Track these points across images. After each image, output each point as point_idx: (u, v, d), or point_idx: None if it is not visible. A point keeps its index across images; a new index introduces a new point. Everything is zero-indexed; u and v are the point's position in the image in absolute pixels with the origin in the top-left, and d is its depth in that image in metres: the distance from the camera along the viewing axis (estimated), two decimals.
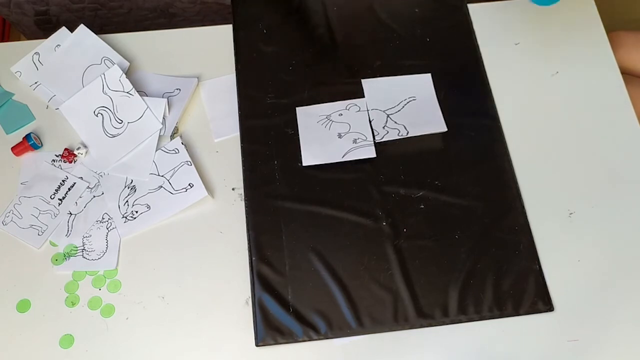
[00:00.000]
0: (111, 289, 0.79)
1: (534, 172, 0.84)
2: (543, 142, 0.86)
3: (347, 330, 0.75)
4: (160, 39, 0.95)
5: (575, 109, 0.88)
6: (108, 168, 0.85)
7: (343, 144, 0.84)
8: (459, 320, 0.75)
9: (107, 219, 0.82)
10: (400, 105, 0.87)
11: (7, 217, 0.82)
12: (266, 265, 0.78)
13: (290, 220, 0.81)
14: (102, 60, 0.91)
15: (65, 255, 0.80)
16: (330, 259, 0.78)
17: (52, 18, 1.13)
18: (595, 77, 0.90)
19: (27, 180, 0.85)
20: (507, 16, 0.95)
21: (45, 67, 0.91)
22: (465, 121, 0.86)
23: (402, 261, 0.78)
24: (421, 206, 0.81)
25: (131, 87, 0.87)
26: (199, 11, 1.15)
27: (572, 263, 0.78)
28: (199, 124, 0.89)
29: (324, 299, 0.76)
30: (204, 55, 0.94)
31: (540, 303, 0.76)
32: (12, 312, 0.78)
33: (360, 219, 0.80)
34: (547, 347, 0.74)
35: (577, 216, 0.81)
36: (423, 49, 0.92)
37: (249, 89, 0.89)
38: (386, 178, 0.83)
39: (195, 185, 0.83)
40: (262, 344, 0.74)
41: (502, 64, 0.91)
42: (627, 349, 0.74)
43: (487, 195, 0.82)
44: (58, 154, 0.86)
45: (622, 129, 0.87)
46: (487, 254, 0.78)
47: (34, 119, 0.89)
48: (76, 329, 0.77)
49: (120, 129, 0.87)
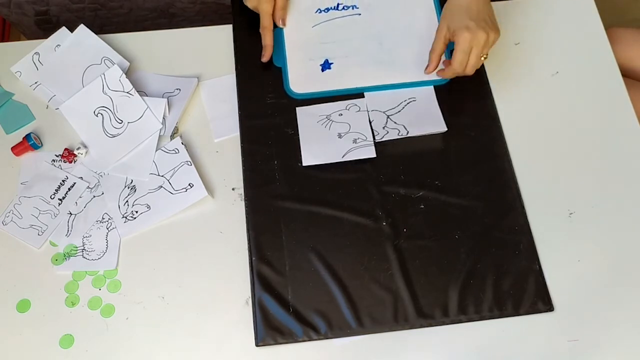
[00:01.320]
0: (111, 289, 0.79)
1: (534, 172, 0.84)
2: (543, 142, 0.86)
3: (347, 330, 0.75)
4: (160, 39, 0.95)
5: (575, 109, 0.88)
6: (108, 168, 0.85)
7: (343, 144, 0.84)
8: (459, 320, 0.75)
9: (107, 219, 0.82)
10: (400, 105, 0.87)
11: (7, 217, 0.82)
12: (266, 265, 0.78)
13: (290, 220, 0.81)
14: (102, 60, 0.91)
15: (65, 255, 0.80)
16: (330, 259, 0.78)
17: (52, 18, 1.13)
18: (595, 77, 0.90)
19: (27, 180, 0.85)
20: (507, 16, 0.95)
21: (45, 67, 0.91)
22: (465, 121, 0.86)
23: (402, 261, 0.78)
24: (421, 206, 0.81)
25: (131, 87, 0.87)
26: (199, 11, 1.15)
27: (572, 263, 0.78)
28: (199, 124, 0.89)
29: (324, 299, 0.76)
30: (204, 55, 0.94)
31: (540, 303, 0.76)
32: (12, 312, 0.78)
33: (360, 219, 0.80)
34: (547, 347, 0.74)
35: (577, 216, 0.81)
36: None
37: (249, 89, 0.89)
38: (386, 178, 0.83)
39: (195, 185, 0.83)
40: (262, 344, 0.74)
41: (502, 64, 0.91)
42: (627, 349, 0.74)
43: (487, 195, 0.82)
44: (58, 154, 0.86)
45: (622, 128, 0.87)
46: (487, 254, 0.78)
47: (34, 119, 0.89)
48: (76, 329, 0.77)
49: (120, 129, 0.87)
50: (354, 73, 0.89)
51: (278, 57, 0.90)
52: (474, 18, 0.79)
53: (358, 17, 0.93)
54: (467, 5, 0.80)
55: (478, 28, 0.78)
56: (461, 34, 0.78)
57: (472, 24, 0.78)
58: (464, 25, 0.79)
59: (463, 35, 0.78)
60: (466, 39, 0.78)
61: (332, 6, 0.93)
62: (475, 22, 0.78)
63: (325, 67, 0.89)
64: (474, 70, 0.82)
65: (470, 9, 0.80)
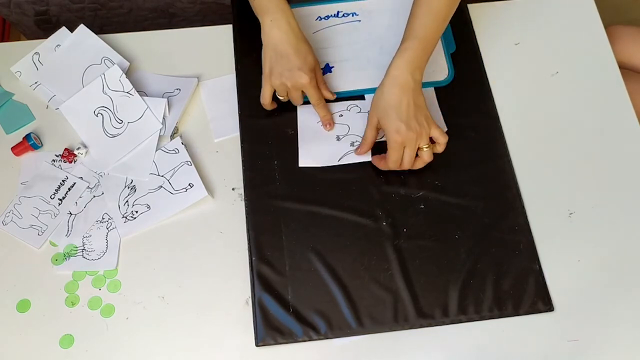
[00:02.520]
0: (111, 289, 0.79)
1: (534, 172, 0.84)
2: (543, 142, 0.86)
3: (347, 330, 0.75)
4: (160, 39, 0.95)
5: (575, 109, 0.88)
6: (108, 168, 0.85)
7: (340, 147, 0.84)
8: (459, 320, 0.75)
9: (107, 219, 0.82)
10: None
11: (7, 217, 0.82)
12: (266, 265, 0.78)
13: (290, 220, 0.81)
14: (102, 60, 0.91)
15: (65, 255, 0.80)
16: (330, 259, 0.78)
17: (52, 18, 1.13)
18: (595, 77, 0.90)
19: (27, 180, 0.85)
20: (507, 16, 0.95)
21: (45, 67, 0.91)
22: (465, 121, 0.86)
23: (402, 261, 0.78)
24: (421, 206, 0.81)
25: (131, 87, 0.87)
26: (199, 11, 1.15)
27: (572, 263, 0.78)
28: (199, 124, 0.89)
29: (324, 299, 0.76)
30: (204, 55, 0.94)
31: (540, 303, 0.76)
32: (12, 312, 0.78)
33: (360, 219, 0.80)
34: (547, 347, 0.74)
35: (577, 216, 0.81)
36: None
37: (249, 89, 0.89)
38: (386, 178, 0.83)
39: (195, 185, 0.83)
40: (262, 344, 0.74)
41: (502, 64, 0.91)
42: (627, 349, 0.74)
43: (487, 195, 0.82)
44: (58, 154, 0.86)
45: (622, 128, 0.87)
46: (487, 254, 0.78)
47: (34, 119, 0.89)
48: (76, 329, 0.77)
49: (120, 129, 0.87)
50: (355, 76, 0.89)
51: None
52: (404, 119, 0.76)
53: (358, 23, 0.93)
54: (397, 104, 0.76)
55: (408, 130, 0.76)
56: (391, 136, 0.77)
57: (402, 127, 0.75)
58: (394, 128, 0.76)
59: (393, 138, 0.76)
60: (397, 141, 0.76)
61: (332, 14, 0.94)
62: (405, 124, 0.75)
63: (326, 71, 0.89)
64: (412, 165, 0.79)
65: (400, 108, 0.76)
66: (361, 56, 0.90)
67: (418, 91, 0.78)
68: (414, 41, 0.78)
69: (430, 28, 0.78)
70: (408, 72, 0.77)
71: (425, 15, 0.79)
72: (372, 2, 0.94)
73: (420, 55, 0.78)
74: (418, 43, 0.78)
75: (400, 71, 0.77)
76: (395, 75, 0.77)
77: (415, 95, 0.77)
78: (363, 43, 0.91)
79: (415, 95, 0.77)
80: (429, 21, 0.79)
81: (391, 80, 0.77)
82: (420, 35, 0.78)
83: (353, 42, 0.91)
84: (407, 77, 0.77)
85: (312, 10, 0.94)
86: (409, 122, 0.76)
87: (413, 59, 0.77)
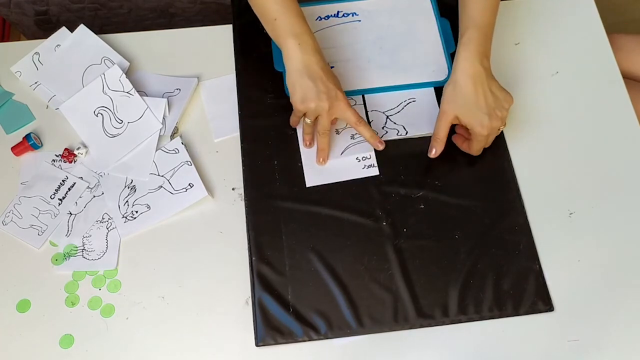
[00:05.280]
0: (111, 289, 0.79)
1: (534, 172, 0.84)
2: (543, 142, 0.86)
3: (347, 330, 0.75)
4: (160, 39, 0.95)
5: (576, 109, 0.88)
6: (108, 168, 0.85)
7: (341, 140, 0.84)
8: (459, 320, 0.75)
9: (107, 219, 0.82)
10: (400, 106, 0.87)
11: (7, 217, 0.82)
12: (266, 265, 0.78)
13: (290, 220, 0.81)
14: (102, 60, 0.91)
15: (65, 255, 0.80)
16: (330, 259, 0.78)
17: (52, 18, 1.13)
18: (595, 77, 0.90)
19: (27, 180, 0.85)
20: (507, 16, 0.95)
21: (45, 67, 0.91)
22: None
23: (402, 261, 0.78)
24: (421, 206, 0.81)
25: (131, 87, 0.87)
26: (199, 11, 1.15)
27: (572, 263, 0.78)
28: (199, 124, 0.89)
29: (324, 299, 0.76)
30: (204, 55, 0.94)
31: (540, 303, 0.76)
32: (12, 312, 0.78)
33: (360, 219, 0.80)
34: (547, 347, 0.74)
35: (577, 216, 0.81)
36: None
37: (249, 89, 0.89)
38: (386, 178, 0.83)
39: (195, 185, 0.83)
40: (262, 344, 0.74)
41: (502, 64, 0.91)
42: (627, 349, 0.74)
43: (487, 195, 0.82)
44: (58, 154, 0.86)
45: (622, 128, 0.87)
46: (487, 254, 0.78)
47: (34, 119, 0.89)
48: (76, 329, 0.77)
49: (120, 129, 0.87)
50: (355, 76, 0.89)
51: (279, 62, 0.90)
52: (485, 111, 0.76)
53: (358, 23, 0.93)
54: (475, 98, 0.76)
55: (491, 120, 0.76)
56: (476, 130, 0.76)
57: (485, 120, 0.75)
58: (478, 123, 0.76)
59: (479, 131, 0.76)
60: (482, 134, 0.77)
61: (332, 14, 0.94)
62: (488, 116, 0.75)
63: None
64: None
65: (479, 102, 0.76)
66: (361, 56, 0.90)
67: (490, 77, 0.79)
68: (474, 30, 0.78)
69: (486, 13, 0.79)
70: (477, 62, 0.77)
71: (479, 1, 0.79)
72: (372, 2, 0.94)
73: (483, 43, 0.78)
74: (478, 31, 0.78)
75: (469, 63, 0.77)
76: (465, 68, 0.77)
77: (489, 81, 0.78)
78: (363, 43, 0.91)
79: (489, 82, 0.78)
80: (483, 7, 0.79)
81: (462, 73, 0.77)
82: (478, 23, 0.78)
83: (353, 42, 0.91)
84: (478, 67, 0.77)
85: (312, 10, 0.94)
86: (490, 113, 0.76)
87: (478, 48, 0.77)
